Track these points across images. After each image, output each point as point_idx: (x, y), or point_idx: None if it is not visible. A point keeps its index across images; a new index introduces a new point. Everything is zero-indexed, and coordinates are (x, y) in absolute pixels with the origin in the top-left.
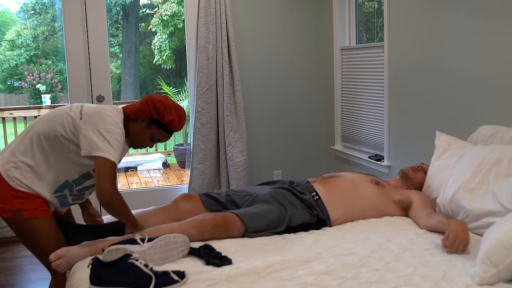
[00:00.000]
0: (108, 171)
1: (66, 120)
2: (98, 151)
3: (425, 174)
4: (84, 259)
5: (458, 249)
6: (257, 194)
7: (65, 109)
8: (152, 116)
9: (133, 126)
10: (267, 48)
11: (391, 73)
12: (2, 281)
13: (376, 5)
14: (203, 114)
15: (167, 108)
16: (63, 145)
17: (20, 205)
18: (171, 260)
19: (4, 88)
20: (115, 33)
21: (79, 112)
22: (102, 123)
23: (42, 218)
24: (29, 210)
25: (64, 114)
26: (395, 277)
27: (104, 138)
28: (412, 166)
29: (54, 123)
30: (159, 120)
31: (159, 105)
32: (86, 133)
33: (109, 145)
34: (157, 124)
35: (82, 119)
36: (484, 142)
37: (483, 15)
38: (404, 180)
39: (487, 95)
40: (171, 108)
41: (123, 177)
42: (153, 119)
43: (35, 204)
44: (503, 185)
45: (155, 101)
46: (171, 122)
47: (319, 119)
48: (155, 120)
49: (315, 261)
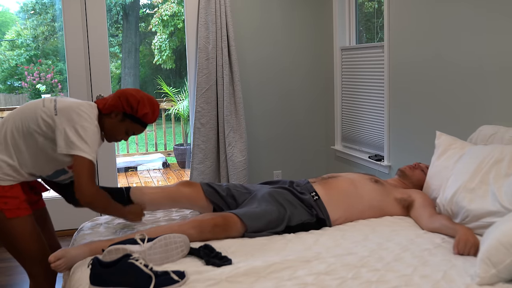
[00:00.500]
0: (86, 170)
1: (40, 116)
2: (76, 149)
3: (423, 172)
4: (84, 259)
5: (470, 252)
6: (256, 193)
7: (38, 105)
8: (125, 111)
9: (107, 121)
10: (267, 48)
11: (391, 73)
12: (2, 281)
13: (376, 5)
14: (203, 114)
15: (140, 102)
16: (38, 141)
17: (3, 205)
18: (171, 260)
19: (4, 88)
20: (115, 33)
21: (53, 108)
22: (78, 119)
23: (23, 216)
24: (12, 210)
25: (37, 110)
26: (395, 277)
27: (80, 136)
28: (409, 165)
29: (26, 119)
30: (132, 114)
31: (132, 99)
32: (62, 129)
33: (85, 144)
34: (131, 118)
35: (57, 115)
36: (484, 142)
37: (483, 15)
38: (402, 179)
39: (487, 95)
40: (144, 101)
41: (123, 177)
42: (126, 113)
43: (17, 203)
44: (503, 185)
45: (127, 96)
46: (145, 116)
47: (319, 119)
48: (128, 115)
49: (315, 261)
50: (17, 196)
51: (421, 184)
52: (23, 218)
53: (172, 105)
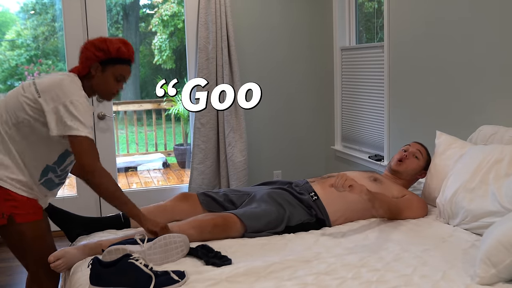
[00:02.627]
0: (85, 148)
1: (24, 102)
2: (68, 130)
3: (414, 158)
4: (84, 259)
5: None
6: (254, 194)
7: (19, 92)
8: (99, 58)
9: (92, 81)
10: (267, 48)
11: (391, 73)
12: (2, 281)
13: (376, 5)
14: (203, 114)
15: (107, 41)
16: (32, 128)
17: (13, 210)
18: (171, 260)
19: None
20: (115, 33)
21: (34, 91)
22: (63, 96)
23: (34, 221)
24: (22, 214)
25: (19, 97)
26: (395, 277)
27: (71, 113)
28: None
29: (13, 110)
30: (108, 58)
31: (97, 43)
32: (49, 110)
33: (77, 121)
34: (109, 63)
35: (40, 97)
36: (484, 142)
37: (483, 15)
38: (399, 176)
39: (487, 95)
40: (111, 40)
41: (123, 177)
42: (102, 60)
43: (27, 208)
44: (503, 185)
45: (93, 43)
46: (119, 51)
47: (319, 119)
48: (105, 60)
49: (315, 261)
50: (27, 200)
51: (420, 169)
52: (35, 223)
53: (172, 105)
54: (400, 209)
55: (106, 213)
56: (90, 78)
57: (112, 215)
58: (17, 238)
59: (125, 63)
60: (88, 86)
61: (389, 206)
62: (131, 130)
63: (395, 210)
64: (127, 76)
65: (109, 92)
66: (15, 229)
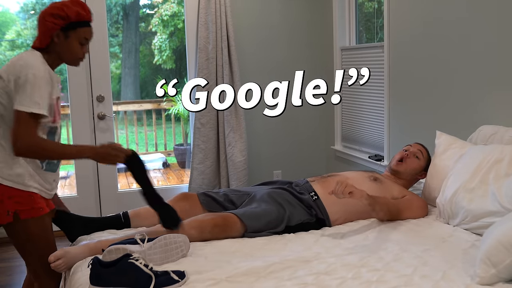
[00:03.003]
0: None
1: None
2: (16, 104)
3: (415, 158)
4: (84, 259)
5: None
6: (255, 194)
7: None
8: (59, 25)
9: (56, 49)
10: (267, 47)
11: (391, 73)
12: (2, 281)
13: (376, 5)
14: (203, 114)
15: (64, 7)
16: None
17: (17, 206)
18: (171, 260)
19: None
20: (115, 33)
21: None
22: (18, 71)
23: (38, 217)
24: (26, 210)
25: None
26: (395, 277)
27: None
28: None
29: None
30: (68, 23)
31: (54, 11)
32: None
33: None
34: (70, 28)
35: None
36: (484, 142)
37: (483, 15)
38: (399, 176)
39: (487, 95)
40: (67, 5)
41: (123, 177)
42: (62, 27)
43: (31, 203)
44: (503, 185)
45: (49, 11)
46: (78, 15)
47: (319, 119)
48: (65, 27)
49: (315, 261)
50: (30, 194)
51: (420, 170)
52: (38, 218)
53: (172, 105)
54: (400, 210)
55: (106, 213)
56: (53, 47)
57: (112, 215)
58: (23, 235)
59: (86, 25)
60: (54, 57)
61: (389, 208)
62: (131, 130)
63: (395, 212)
64: (89, 38)
65: (76, 57)
66: (21, 226)
